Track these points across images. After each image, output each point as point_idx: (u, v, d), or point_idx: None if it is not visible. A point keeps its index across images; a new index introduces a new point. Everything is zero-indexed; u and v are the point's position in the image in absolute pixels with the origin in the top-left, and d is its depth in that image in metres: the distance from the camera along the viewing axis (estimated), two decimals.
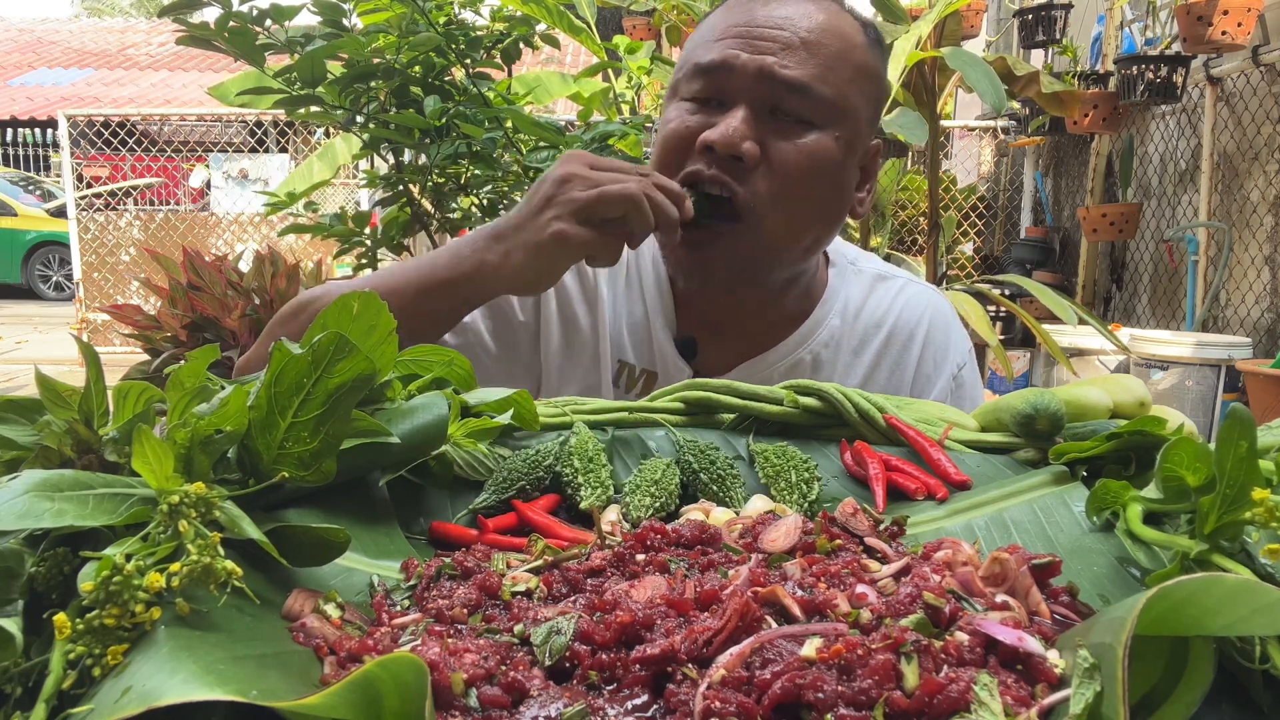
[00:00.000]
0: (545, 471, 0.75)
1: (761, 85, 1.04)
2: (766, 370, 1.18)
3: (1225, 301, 4.72)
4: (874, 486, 0.73)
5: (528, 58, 2.85)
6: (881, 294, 1.24)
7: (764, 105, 1.05)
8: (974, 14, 5.46)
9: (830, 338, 1.20)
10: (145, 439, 0.51)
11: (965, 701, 0.42)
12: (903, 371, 1.21)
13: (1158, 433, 0.70)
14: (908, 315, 1.23)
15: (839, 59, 1.07)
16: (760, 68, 1.03)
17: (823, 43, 1.06)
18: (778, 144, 1.04)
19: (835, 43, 1.07)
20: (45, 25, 20.77)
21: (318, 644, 0.50)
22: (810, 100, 1.04)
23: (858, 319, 1.22)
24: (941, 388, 1.22)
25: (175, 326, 3.71)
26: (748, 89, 1.04)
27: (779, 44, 1.05)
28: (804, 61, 1.04)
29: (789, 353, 1.19)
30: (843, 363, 1.20)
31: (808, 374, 1.19)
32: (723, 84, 1.06)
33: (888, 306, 1.23)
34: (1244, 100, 4.61)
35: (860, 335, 1.22)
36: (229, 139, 10.32)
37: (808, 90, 1.04)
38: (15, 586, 0.49)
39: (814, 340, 1.20)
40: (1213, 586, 0.42)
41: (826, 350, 1.20)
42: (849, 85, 1.07)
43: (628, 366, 1.22)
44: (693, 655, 0.46)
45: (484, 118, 2.37)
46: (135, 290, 7.55)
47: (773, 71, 1.03)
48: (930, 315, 1.24)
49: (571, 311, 1.22)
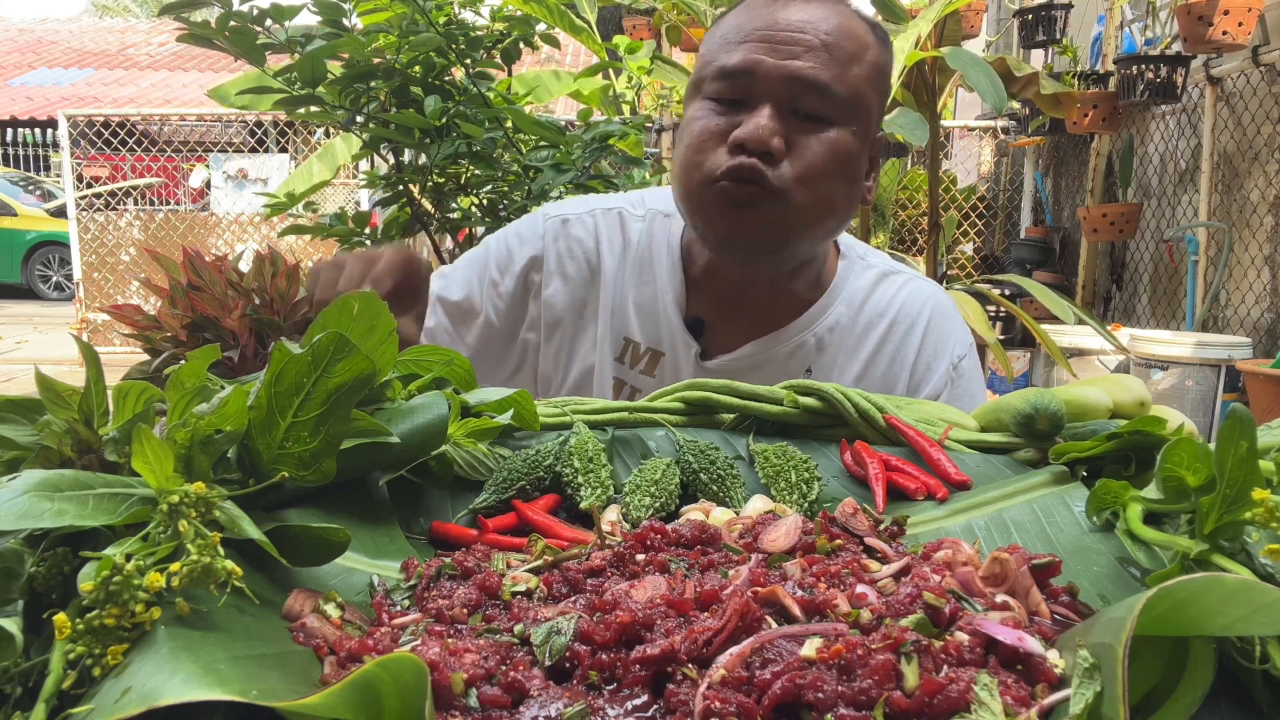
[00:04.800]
0: (545, 471, 0.75)
1: (786, 86, 1.10)
2: (772, 351, 1.23)
3: (1225, 301, 4.72)
4: (874, 486, 0.73)
5: (528, 57, 2.85)
6: (886, 287, 1.30)
7: (787, 105, 1.11)
8: (974, 14, 5.45)
9: (835, 323, 1.26)
10: (145, 439, 0.51)
11: (965, 701, 0.42)
12: (903, 359, 1.26)
13: (1158, 433, 0.70)
14: (909, 306, 1.28)
15: (854, 59, 1.13)
16: (786, 71, 1.10)
17: (840, 45, 1.12)
18: (802, 139, 1.11)
19: (850, 44, 1.13)
20: (45, 25, 20.76)
21: (318, 644, 0.50)
22: (830, 100, 1.11)
23: (862, 309, 1.27)
24: (941, 375, 1.26)
25: (175, 326, 3.69)
26: (773, 90, 1.10)
27: (802, 47, 1.11)
28: (825, 63, 1.11)
29: (794, 335, 1.24)
30: (846, 348, 1.26)
31: (811, 355, 1.25)
32: (748, 85, 1.11)
33: (891, 298, 1.29)
34: (1244, 100, 4.61)
35: (864, 324, 1.27)
36: (229, 139, 10.32)
37: (828, 90, 1.10)
38: (15, 586, 0.49)
39: (819, 324, 1.25)
40: (1213, 586, 0.42)
41: (831, 335, 1.25)
42: (863, 83, 1.14)
43: (632, 344, 1.28)
44: (693, 655, 0.46)
45: (484, 118, 2.37)
46: (135, 290, 7.55)
47: (798, 74, 1.10)
48: (932, 306, 1.29)
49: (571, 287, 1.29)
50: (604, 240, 1.31)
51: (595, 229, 1.32)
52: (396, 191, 2.61)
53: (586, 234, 1.31)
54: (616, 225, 1.32)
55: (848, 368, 1.25)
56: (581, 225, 1.32)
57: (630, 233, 1.31)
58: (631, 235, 1.31)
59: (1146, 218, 5.47)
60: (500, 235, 1.36)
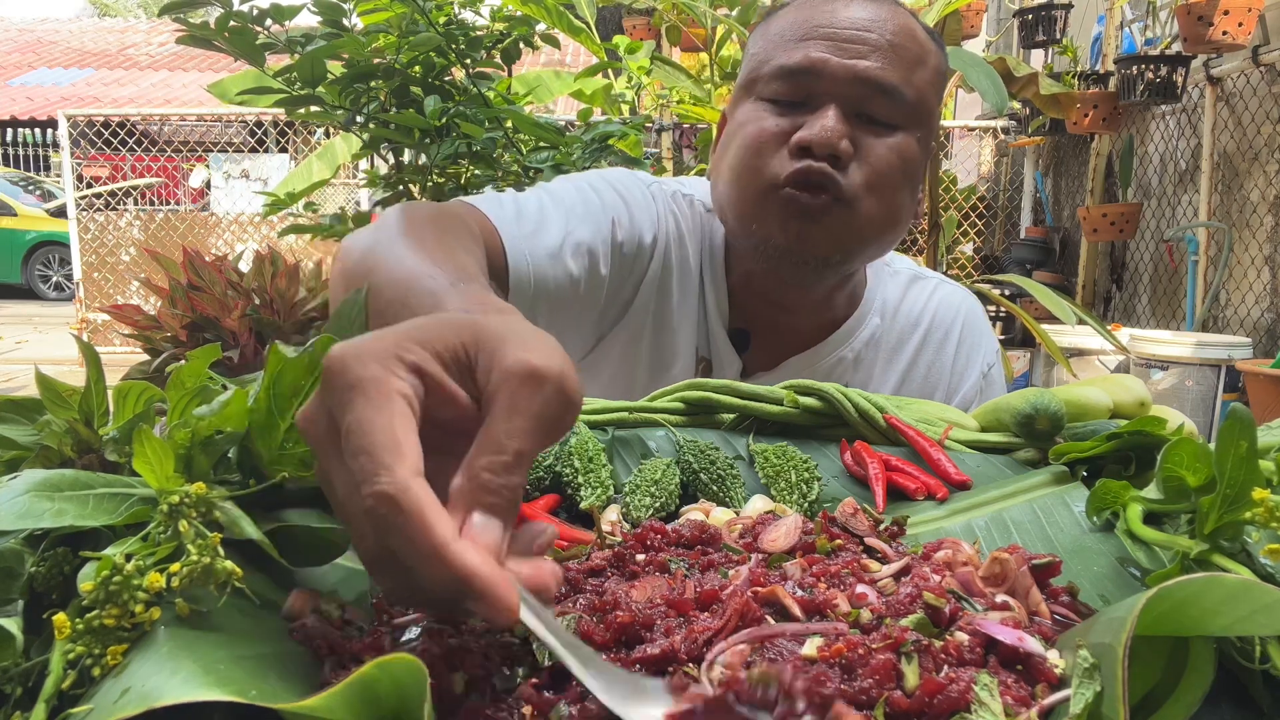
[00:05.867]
0: (545, 471, 0.75)
1: (853, 88, 1.04)
2: (812, 368, 1.20)
3: (1225, 301, 4.72)
4: (874, 486, 0.73)
5: (528, 57, 2.85)
6: (916, 294, 1.27)
7: (853, 108, 1.05)
8: (974, 14, 5.45)
9: (871, 336, 1.23)
10: (145, 439, 0.51)
11: (965, 701, 0.42)
12: (939, 369, 1.25)
13: (1158, 433, 0.70)
14: (943, 314, 1.26)
15: (919, 62, 1.08)
16: (853, 71, 1.04)
17: (906, 46, 1.07)
18: (868, 143, 1.05)
19: (915, 47, 1.08)
20: (45, 25, 20.76)
21: (318, 644, 0.50)
22: (897, 103, 1.05)
23: (895, 318, 1.25)
24: (973, 384, 1.25)
25: (175, 326, 3.70)
26: (839, 91, 1.04)
27: (868, 46, 1.05)
28: (893, 64, 1.05)
29: (832, 350, 1.21)
30: (882, 360, 1.23)
31: (849, 372, 1.21)
32: (811, 86, 1.05)
33: (923, 306, 1.26)
34: (1244, 100, 4.61)
35: (898, 334, 1.25)
36: (229, 139, 10.32)
37: (896, 93, 1.05)
38: (15, 586, 0.49)
39: (856, 339, 1.22)
40: (1213, 586, 0.42)
41: (867, 349, 1.22)
42: (928, 88, 1.09)
43: (699, 354, 1.21)
44: (693, 655, 0.46)
45: (484, 118, 2.37)
46: (135, 290, 7.55)
47: (867, 74, 1.04)
48: (965, 313, 1.28)
49: (669, 286, 1.17)
50: (687, 232, 1.18)
51: (684, 215, 1.18)
52: (396, 191, 2.62)
53: (684, 219, 1.18)
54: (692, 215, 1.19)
55: (885, 380, 1.23)
56: (687, 204, 1.19)
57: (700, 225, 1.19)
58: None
59: (1146, 218, 5.46)
60: (608, 185, 1.14)
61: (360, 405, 0.43)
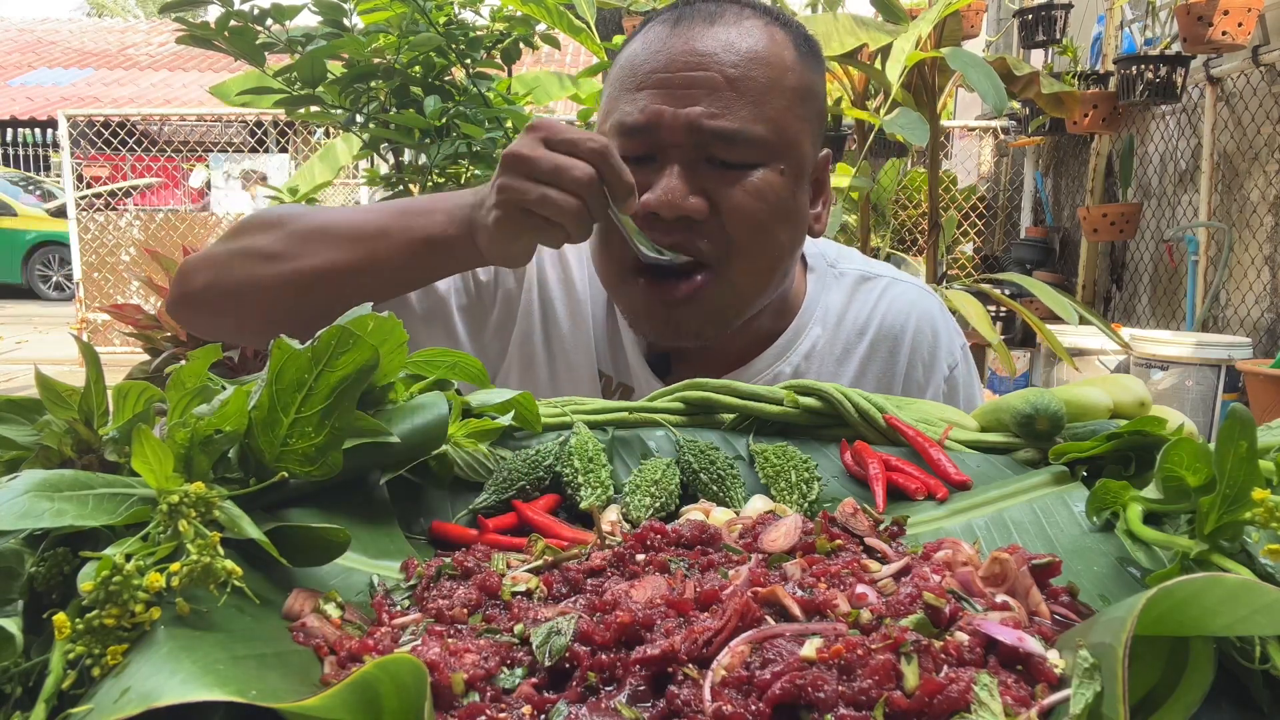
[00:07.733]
0: (545, 471, 0.75)
1: (692, 137, 0.97)
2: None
3: (1225, 301, 4.72)
4: (874, 486, 0.73)
5: (527, 58, 2.85)
6: (864, 298, 1.19)
7: (699, 155, 0.98)
8: (974, 14, 5.45)
9: (811, 348, 1.15)
10: (145, 439, 0.51)
11: (965, 701, 0.42)
12: (890, 378, 1.17)
13: (1158, 433, 0.70)
14: (891, 319, 1.17)
15: (770, 90, 0.99)
16: (688, 122, 0.96)
17: (751, 76, 0.98)
18: (724, 191, 0.98)
19: (764, 72, 0.99)
20: (45, 25, 20.77)
21: (318, 644, 0.50)
22: (744, 144, 0.97)
23: (840, 326, 1.17)
24: (932, 394, 1.17)
25: (175, 326, 3.71)
26: (678, 142, 0.97)
27: (704, 89, 0.97)
28: (734, 103, 0.97)
29: (767, 366, 1.13)
30: (826, 373, 1.15)
31: None
32: (651, 140, 0.98)
33: (870, 310, 1.18)
34: (1244, 100, 4.61)
35: (843, 343, 1.16)
36: (229, 139, 10.32)
37: (739, 136, 0.97)
38: (15, 586, 0.49)
39: (794, 352, 1.14)
40: (1213, 586, 0.42)
41: (807, 362, 1.15)
42: (785, 114, 1.00)
43: (605, 377, 1.15)
44: (693, 655, 0.46)
45: (484, 118, 2.37)
46: (135, 290, 7.55)
47: (700, 125, 0.96)
48: (915, 317, 1.18)
49: (554, 313, 1.15)
50: (573, 257, 1.17)
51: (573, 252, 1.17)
52: (396, 191, 2.62)
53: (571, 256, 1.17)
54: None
55: None
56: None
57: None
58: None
59: (1146, 218, 5.47)
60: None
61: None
